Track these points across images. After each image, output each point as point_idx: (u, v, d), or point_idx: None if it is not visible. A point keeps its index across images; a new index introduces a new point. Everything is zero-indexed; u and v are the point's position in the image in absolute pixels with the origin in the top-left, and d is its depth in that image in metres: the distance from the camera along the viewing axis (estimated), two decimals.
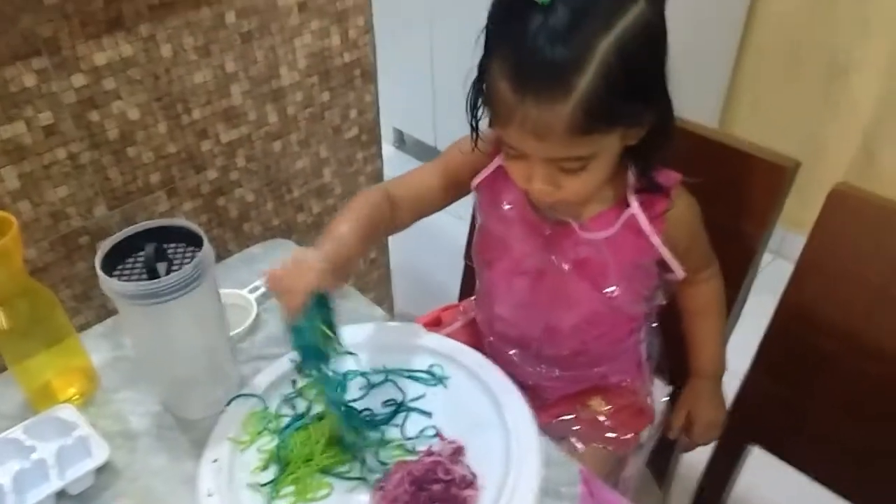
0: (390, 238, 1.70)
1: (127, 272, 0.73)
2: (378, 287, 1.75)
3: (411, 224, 0.88)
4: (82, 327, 0.93)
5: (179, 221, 0.76)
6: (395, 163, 2.43)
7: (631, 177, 0.78)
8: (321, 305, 0.69)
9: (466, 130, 0.83)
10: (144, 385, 0.85)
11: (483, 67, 0.71)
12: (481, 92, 0.74)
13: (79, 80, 1.04)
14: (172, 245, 0.75)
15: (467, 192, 0.90)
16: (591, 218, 0.81)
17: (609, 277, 0.82)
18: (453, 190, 0.89)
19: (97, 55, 1.05)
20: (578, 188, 0.73)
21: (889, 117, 1.78)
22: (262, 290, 0.94)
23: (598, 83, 0.63)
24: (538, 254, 0.84)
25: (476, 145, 0.81)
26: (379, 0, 1.40)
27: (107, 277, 0.70)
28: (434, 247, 1.91)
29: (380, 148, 1.57)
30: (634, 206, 0.78)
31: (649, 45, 0.67)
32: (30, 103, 1.01)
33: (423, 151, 2.50)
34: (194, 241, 0.75)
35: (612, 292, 0.83)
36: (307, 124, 1.39)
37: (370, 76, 1.46)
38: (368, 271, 1.71)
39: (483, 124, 0.79)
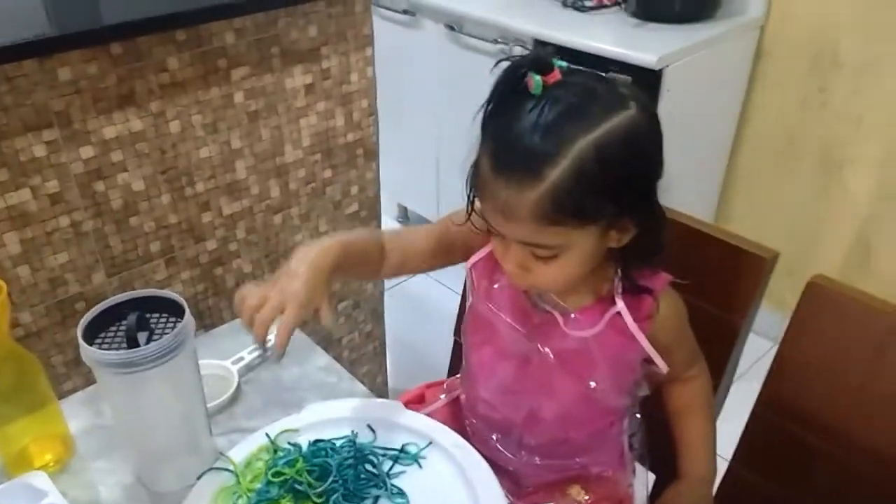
0: (386, 311, 1.72)
1: (108, 340, 0.74)
2: (372, 360, 1.75)
3: (390, 277, 0.89)
4: (68, 393, 0.94)
5: (163, 292, 0.77)
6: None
7: (616, 274, 0.80)
8: None
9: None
10: (119, 455, 0.84)
11: (478, 149, 0.74)
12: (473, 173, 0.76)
13: (87, 151, 1.09)
14: (156, 315, 0.77)
15: (453, 263, 0.91)
16: (577, 310, 0.81)
17: (593, 371, 0.82)
18: (441, 257, 0.90)
19: (107, 129, 1.10)
20: (549, 276, 0.74)
21: (884, 211, 1.81)
22: (245, 361, 0.95)
23: (568, 177, 0.66)
24: (525, 341, 0.84)
25: (469, 218, 0.83)
26: (385, 80, 1.47)
27: (86, 345, 0.71)
28: (430, 321, 1.91)
29: (379, 223, 1.60)
30: (620, 305, 0.79)
31: (632, 150, 0.68)
32: (38, 172, 1.05)
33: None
34: (178, 311, 0.77)
35: (596, 385, 0.83)
36: (308, 199, 1.42)
37: (372, 155, 1.51)
38: (363, 344, 1.71)
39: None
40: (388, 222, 1.63)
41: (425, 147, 2.31)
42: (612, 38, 1.74)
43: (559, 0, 1.97)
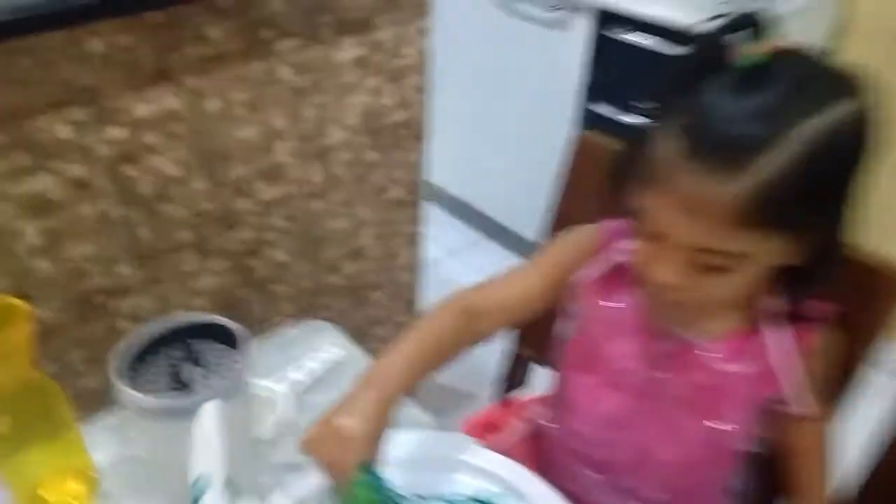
0: (420, 302, 1.61)
1: (148, 376, 0.63)
2: None
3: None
4: (89, 394, 0.83)
5: (212, 317, 0.66)
6: (426, 215, 2.35)
7: (771, 298, 0.68)
8: (370, 474, 0.59)
9: (504, 189, 0.73)
10: (152, 494, 0.74)
11: (643, 128, 0.62)
12: (634, 154, 0.63)
13: (117, 132, 0.96)
14: (198, 340, 0.66)
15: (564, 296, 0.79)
16: (717, 338, 0.70)
17: (727, 410, 0.71)
18: (552, 293, 0.77)
19: (139, 107, 0.97)
20: (713, 293, 0.62)
21: None
22: (293, 381, 0.84)
23: (784, 172, 0.54)
24: (643, 370, 0.73)
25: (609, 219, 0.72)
26: None
27: (126, 389, 0.60)
28: None
29: (421, 210, 1.48)
30: (772, 335, 0.68)
31: (856, 147, 0.57)
32: (62, 155, 0.93)
33: (456, 206, 2.41)
34: (226, 336, 0.66)
35: (729, 427, 0.72)
36: (351, 184, 1.30)
37: (421, 135, 1.38)
38: (395, 335, 1.60)
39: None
40: None
41: (460, 120, 2.16)
42: (694, 6, 1.57)
43: None
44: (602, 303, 0.75)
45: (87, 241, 1.00)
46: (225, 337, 0.67)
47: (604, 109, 1.75)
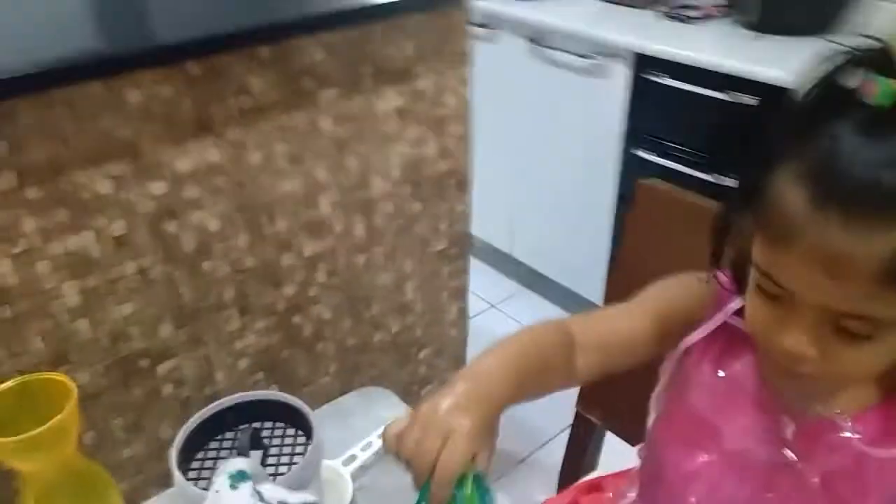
0: (468, 357, 1.54)
1: (210, 461, 0.57)
2: None
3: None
4: (131, 464, 0.76)
5: (277, 395, 0.60)
6: None
7: None
8: (477, 487, 0.51)
9: (545, 237, 0.64)
10: None
11: (754, 178, 0.53)
12: (745, 208, 0.55)
13: (158, 187, 0.93)
14: (261, 422, 0.59)
15: (666, 351, 0.70)
16: (855, 414, 0.60)
17: (872, 498, 0.60)
18: (658, 341, 0.68)
19: (181, 160, 0.94)
20: (852, 364, 0.52)
21: None
22: (359, 461, 0.76)
23: None
24: (768, 451, 0.63)
25: (715, 279, 0.63)
26: None
27: (189, 484, 0.53)
28: None
29: (467, 262, 1.43)
30: None
31: None
32: (102, 212, 0.90)
33: (495, 256, 2.36)
34: (293, 416, 0.59)
35: None
36: (395, 237, 1.26)
37: (464, 185, 1.34)
38: None
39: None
40: None
41: (499, 169, 2.13)
42: (730, 51, 1.54)
43: (658, 10, 1.79)
44: (714, 369, 0.66)
45: (128, 300, 0.96)
46: (285, 414, 0.61)
47: (646, 155, 1.70)
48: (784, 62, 1.43)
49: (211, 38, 0.90)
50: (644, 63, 1.63)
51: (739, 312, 0.64)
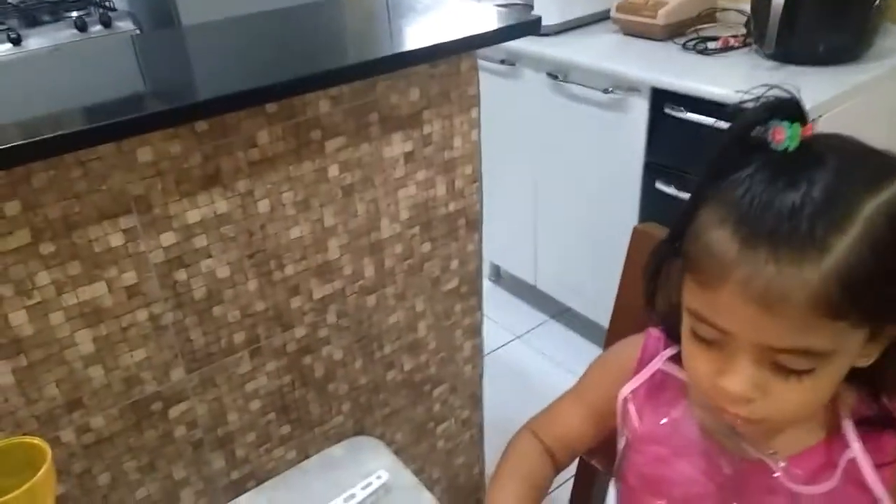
0: (485, 390, 1.54)
1: None
2: (469, 450, 1.57)
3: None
4: (143, 502, 0.79)
5: None
6: (490, 298, 2.31)
7: (848, 402, 0.60)
8: None
9: (569, 268, 0.69)
10: None
11: (683, 223, 0.56)
12: (674, 254, 0.58)
13: (168, 238, 0.97)
14: None
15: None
16: (791, 456, 0.61)
17: None
18: (603, 420, 0.74)
19: (190, 212, 0.98)
20: (793, 401, 0.53)
21: None
22: (357, 499, 0.77)
23: (861, 251, 0.48)
24: (715, 494, 0.65)
25: (651, 322, 0.68)
26: (485, 140, 1.31)
27: None
28: (531, 401, 1.72)
29: (480, 300, 1.44)
30: (855, 448, 0.59)
31: None
32: (114, 263, 0.94)
33: (520, 288, 2.36)
34: None
35: None
36: (405, 277, 1.27)
37: (475, 225, 1.35)
38: (459, 432, 1.53)
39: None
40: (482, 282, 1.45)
41: (522, 202, 2.14)
42: (748, 83, 1.51)
43: (677, 43, 1.78)
44: (650, 417, 0.68)
45: (140, 347, 1.00)
46: None
47: (667, 188, 1.69)
48: (801, 94, 1.41)
49: (220, 99, 0.93)
50: (662, 97, 1.63)
51: (673, 358, 0.67)
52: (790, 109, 0.53)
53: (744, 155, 0.53)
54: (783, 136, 0.51)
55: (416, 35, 1.20)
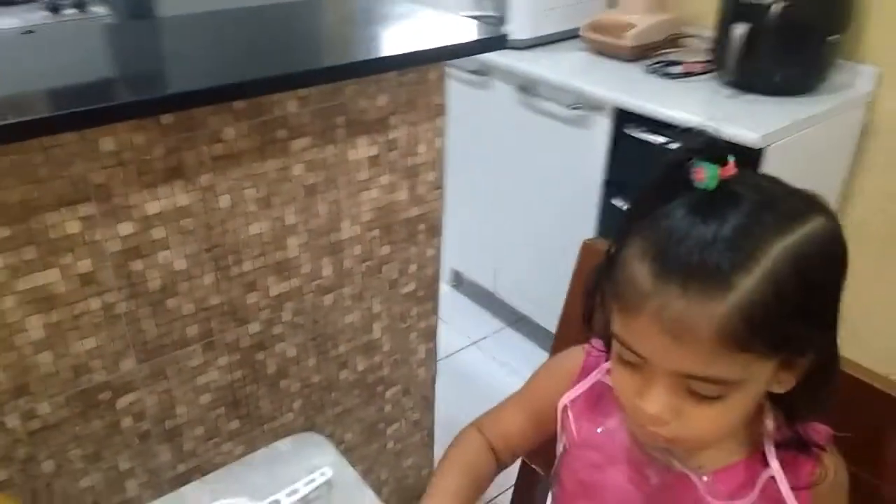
0: (438, 393, 1.56)
1: None
2: (419, 452, 1.59)
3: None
4: (86, 492, 0.79)
5: None
6: (450, 303, 2.33)
7: (769, 424, 0.63)
8: None
9: (528, 278, 0.72)
10: None
11: (615, 249, 0.60)
12: (607, 278, 0.61)
13: (126, 228, 0.97)
14: None
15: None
16: (718, 470, 0.65)
17: None
18: (543, 425, 0.77)
19: (150, 204, 0.98)
20: (705, 424, 0.57)
21: None
22: (300, 495, 0.78)
23: (765, 289, 0.51)
24: (643, 501, 0.68)
25: (589, 338, 0.71)
26: (453, 147, 1.33)
27: None
28: (482, 404, 1.75)
29: (436, 305, 1.46)
30: (775, 466, 0.62)
31: (828, 264, 0.55)
32: (70, 250, 0.94)
33: (479, 294, 2.39)
34: None
35: None
36: (363, 278, 1.29)
37: (435, 231, 1.37)
38: (410, 433, 1.55)
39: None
40: (442, 286, 1.47)
41: (486, 210, 2.17)
42: (705, 109, 1.58)
43: (643, 65, 1.83)
44: (586, 425, 0.71)
45: (91, 335, 1.00)
46: None
47: (623, 205, 1.73)
48: (754, 122, 1.47)
49: (188, 94, 0.94)
50: (624, 116, 1.67)
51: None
52: (713, 150, 0.55)
53: (670, 191, 0.56)
54: (703, 175, 0.54)
55: (388, 42, 1.22)
